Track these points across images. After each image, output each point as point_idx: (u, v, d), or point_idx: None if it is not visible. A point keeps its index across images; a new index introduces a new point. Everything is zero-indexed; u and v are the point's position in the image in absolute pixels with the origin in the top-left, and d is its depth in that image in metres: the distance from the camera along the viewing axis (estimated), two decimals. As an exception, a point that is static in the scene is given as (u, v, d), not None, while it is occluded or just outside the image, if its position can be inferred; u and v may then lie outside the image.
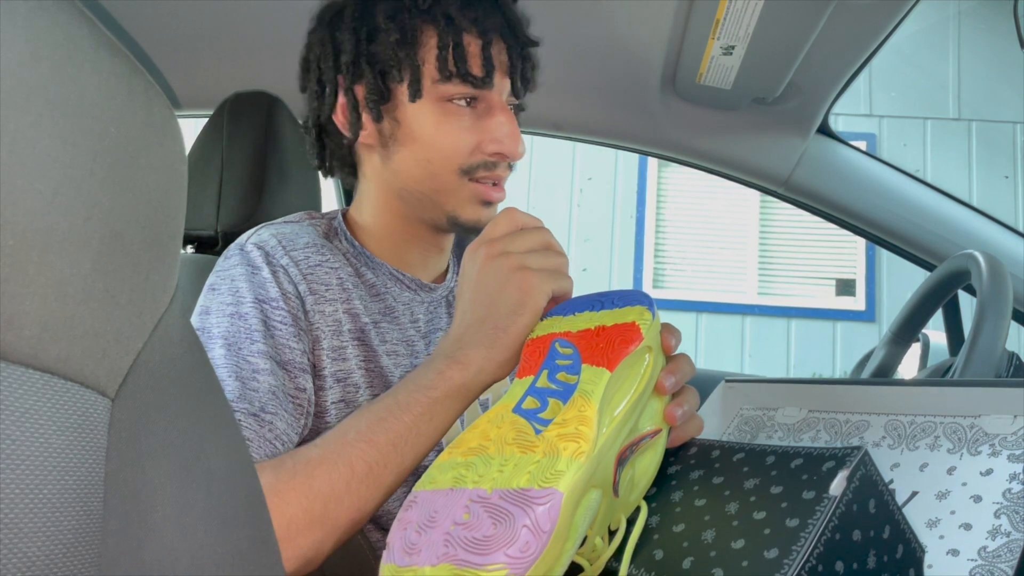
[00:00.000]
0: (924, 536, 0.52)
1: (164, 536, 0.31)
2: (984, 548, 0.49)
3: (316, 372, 0.73)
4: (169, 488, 0.32)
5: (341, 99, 0.79)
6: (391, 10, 0.76)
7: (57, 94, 0.26)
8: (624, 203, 5.28)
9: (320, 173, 0.88)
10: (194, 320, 0.71)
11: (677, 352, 0.60)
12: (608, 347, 0.55)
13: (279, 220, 0.82)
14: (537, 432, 0.51)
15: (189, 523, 0.32)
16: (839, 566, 0.46)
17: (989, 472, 0.52)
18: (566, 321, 0.60)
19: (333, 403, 0.74)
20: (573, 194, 5.30)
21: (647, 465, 0.58)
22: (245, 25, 1.18)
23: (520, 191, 5.23)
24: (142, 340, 0.31)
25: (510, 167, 0.80)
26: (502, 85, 0.78)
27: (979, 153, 5.01)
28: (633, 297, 0.59)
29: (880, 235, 1.31)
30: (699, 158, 1.34)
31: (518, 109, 0.83)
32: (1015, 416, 0.54)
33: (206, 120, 1.17)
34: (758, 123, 1.26)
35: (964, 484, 0.53)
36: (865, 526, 0.48)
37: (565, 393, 0.53)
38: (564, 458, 0.48)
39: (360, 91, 0.78)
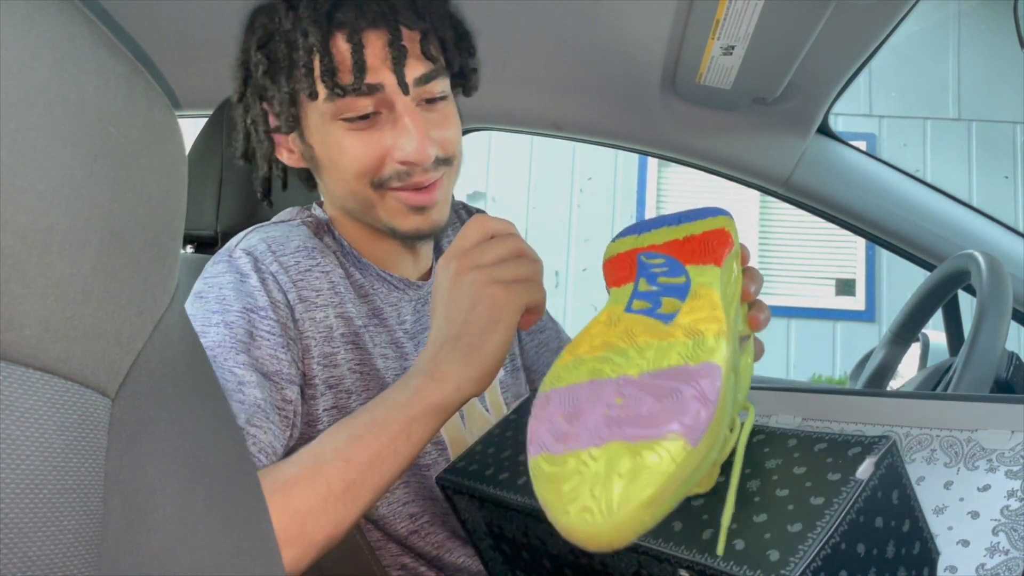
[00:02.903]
0: (922, 549, 0.52)
1: (164, 536, 0.31)
2: (982, 566, 0.49)
3: (307, 381, 0.72)
4: (169, 488, 0.32)
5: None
6: (262, 39, 0.74)
7: (57, 94, 0.26)
8: (624, 203, 5.28)
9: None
10: None
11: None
12: (706, 249, 0.55)
13: (270, 221, 0.80)
14: (667, 323, 0.51)
15: (189, 523, 0.32)
16: (860, 548, 0.46)
17: (987, 488, 0.52)
18: (643, 238, 0.59)
19: (325, 410, 0.73)
20: (573, 194, 5.30)
21: (747, 366, 0.57)
22: (245, 25, 1.18)
23: (520, 191, 5.23)
24: (142, 340, 0.31)
25: (445, 161, 0.75)
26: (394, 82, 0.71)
27: (979, 153, 5.01)
28: (711, 210, 0.59)
29: (880, 235, 1.31)
30: (699, 158, 1.34)
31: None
32: (1012, 432, 0.53)
33: (206, 120, 1.17)
34: (758, 123, 1.26)
35: (961, 499, 0.52)
36: (887, 515, 0.48)
37: (679, 290, 0.53)
38: (710, 337, 0.48)
39: (272, 119, 0.77)
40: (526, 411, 0.70)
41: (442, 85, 0.75)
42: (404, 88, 0.71)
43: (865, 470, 0.47)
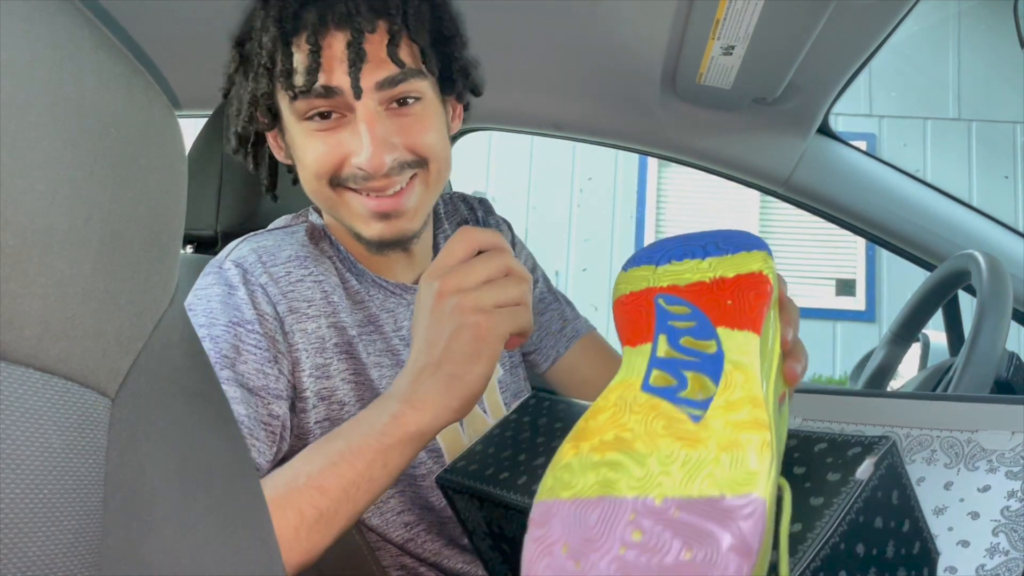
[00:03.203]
0: (922, 549, 0.52)
1: (164, 536, 0.31)
2: (982, 567, 0.49)
3: (298, 394, 0.71)
4: (169, 488, 0.32)
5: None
6: (241, 37, 0.75)
7: (57, 94, 0.26)
8: (624, 203, 5.28)
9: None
10: None
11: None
12: (741, 304, 0.46)
13: (265, 229, 0.80)
14: (695, 419, 0.42)
15: (189, 523, 0.32)
16: (860, 549, 0.46)
17: (987, 488, 0.52)
18: (663, 272, 0.50)
19: (317, 422, 0.72)
20: (573, 194, 5.30)
21: (783, 428, 0.49)
22: (245, 25, 1.18)
23: (520, 191, 5.23)
24: (142, 340, 0.31)
25: (416, 164, 0.73)
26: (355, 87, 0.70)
27: (979, 153, 5.01)
28: (744, 240, 0.49)
29: (880, 235, 1.31)
30: (699, 158, 1.34)
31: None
32: (1012, 432, 0.54)
33: (206, 120, 1.17)
34: (758, 123, 1.26)
35: (962, 500, 0.53)
36: (887, 515, 0.47)
37: (708, 366, 0.44)
38: (752, 454, 0.39)
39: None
40: (526, 411, 0.70)
41: (414, 88, 0.72)
42: (356, 92, 0.69)
43: (865, 470, 0.46)
